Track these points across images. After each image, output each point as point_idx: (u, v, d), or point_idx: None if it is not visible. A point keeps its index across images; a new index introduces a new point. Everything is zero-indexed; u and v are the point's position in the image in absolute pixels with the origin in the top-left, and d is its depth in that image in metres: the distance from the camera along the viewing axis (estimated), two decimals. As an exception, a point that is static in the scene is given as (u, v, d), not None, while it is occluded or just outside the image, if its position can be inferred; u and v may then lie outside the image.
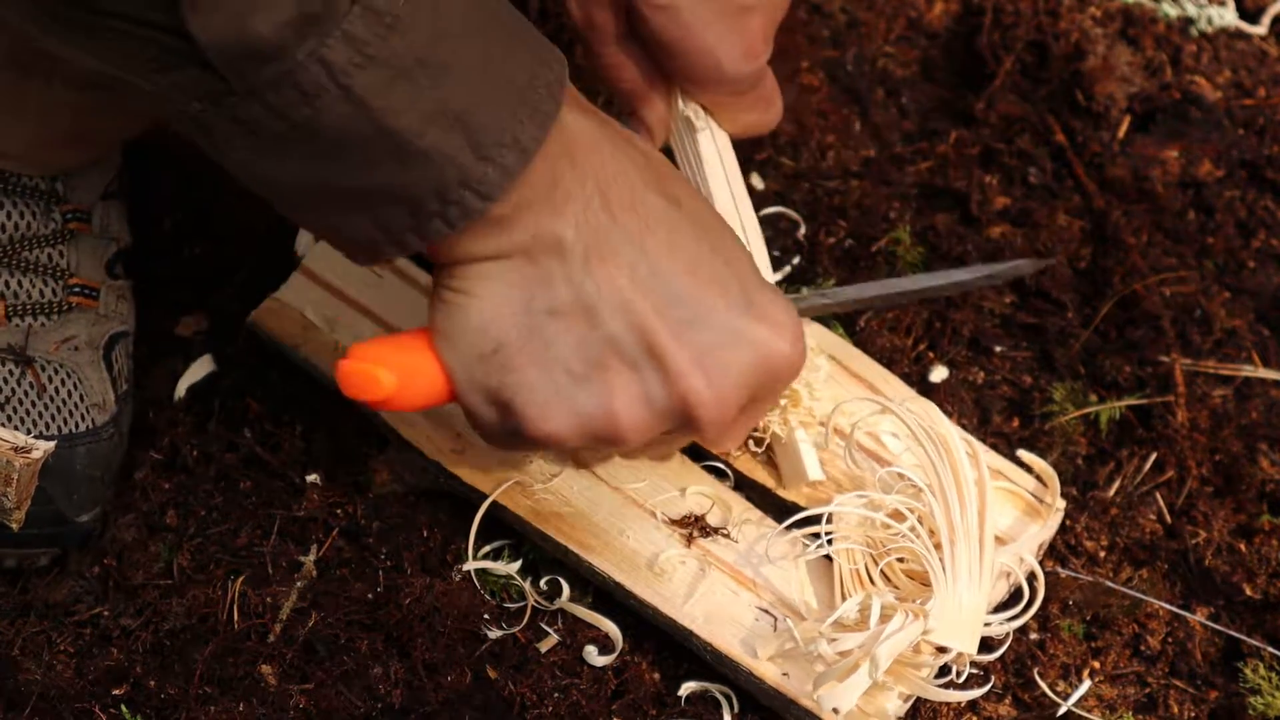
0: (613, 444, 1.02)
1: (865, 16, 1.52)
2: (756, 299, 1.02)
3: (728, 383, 1.01)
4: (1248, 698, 1.14)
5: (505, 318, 0.98)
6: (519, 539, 1.18)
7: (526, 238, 0.96)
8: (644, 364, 0.99)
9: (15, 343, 1.17)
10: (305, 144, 0.88)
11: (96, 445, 1.17)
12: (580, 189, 0.96)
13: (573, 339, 0.98)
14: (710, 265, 1.01)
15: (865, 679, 1.04)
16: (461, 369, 1.00)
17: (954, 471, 1.09)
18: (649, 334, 0.98)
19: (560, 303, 0.97)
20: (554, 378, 0.99)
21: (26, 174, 1.19)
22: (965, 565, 1.07)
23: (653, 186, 1.00)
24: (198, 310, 1.31)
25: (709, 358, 1.00)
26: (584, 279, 0.97)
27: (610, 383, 0.99)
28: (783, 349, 1.02)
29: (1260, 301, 1.35)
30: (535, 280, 0.97)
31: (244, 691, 1.11)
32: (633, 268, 0.98)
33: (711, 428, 1.02)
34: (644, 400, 1.00)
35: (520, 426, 1.00)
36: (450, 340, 0.99)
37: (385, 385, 1.01)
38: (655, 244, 0.99)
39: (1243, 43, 1.50)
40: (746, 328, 1.01)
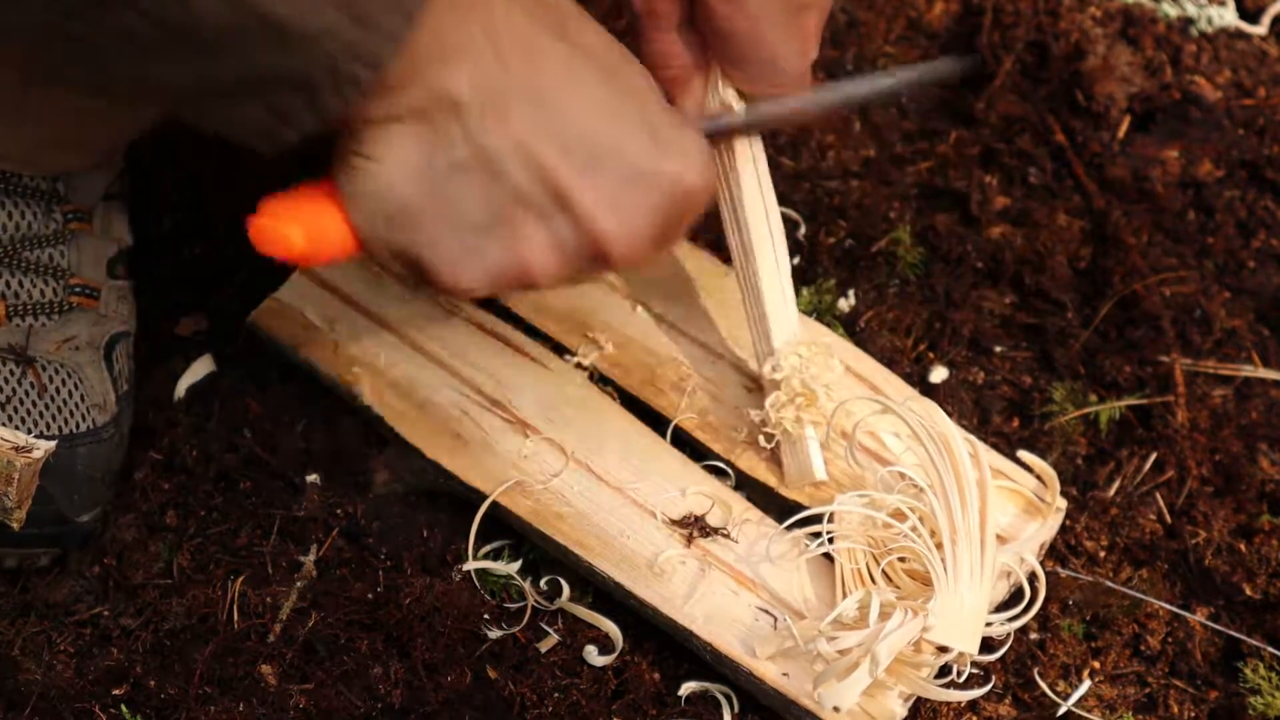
0: (524, 287, 1.02)
1: (865, 16, 1.52)
2: (661, 132, 1.01)
3: (638, 218, 1.00)
4: (1248, 698, 1.14)
5: (408, 179, 0.97)
6: (519, 539, 1.18)
7: (421, 98, 0.94)
8: (551, 210, 0.99)
9: (16, 343, 1.17)
10: (183, 44, 0.87)
11: (97, 445, 1.17)
12: (470, 42, 0.95)
13: (477, 194, 0.98)
14: (611, 103, 1.00)
15: (865, 677, 1.04)
16: (369, 229, 0.99)
17: (955, 471, 1.09)
18: (554, 180, 0.98)
19: (461, 159, 0.97)
20: (460, 234, 0.98)
21: (27, 174, 1.19)
22: (966, 565, 1.07)
23: (546, 29, 0.98)
24: (198, 310, 1.31)
25: (617, 197, 0.99)
26: (482, 133, 0.96)
27: (518, 232, 0.99)
28: (690, 180, 1.02)
29: (1260, 301, 1.35)
30: (434, 140, 0.96)
31: (244, 691, 1.11)
32: (531, 116, 0.97)
33: (622, 261, 1.02)
34: (554, 245, 1.00)
35: (431, 280, 1.00)
36: (355, 201, 0.99)
37: (296, 242, 1.00)
38: (552, 88, 0.97)
39: (1243, 43, 1.50)
40: (652, 163, 1.00)
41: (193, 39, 0.87)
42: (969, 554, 1.07)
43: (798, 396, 1.15)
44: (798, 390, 1.15)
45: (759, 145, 1.17)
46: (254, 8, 0.86)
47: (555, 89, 0.98)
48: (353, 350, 1.23)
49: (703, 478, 1.18)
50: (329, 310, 1.25)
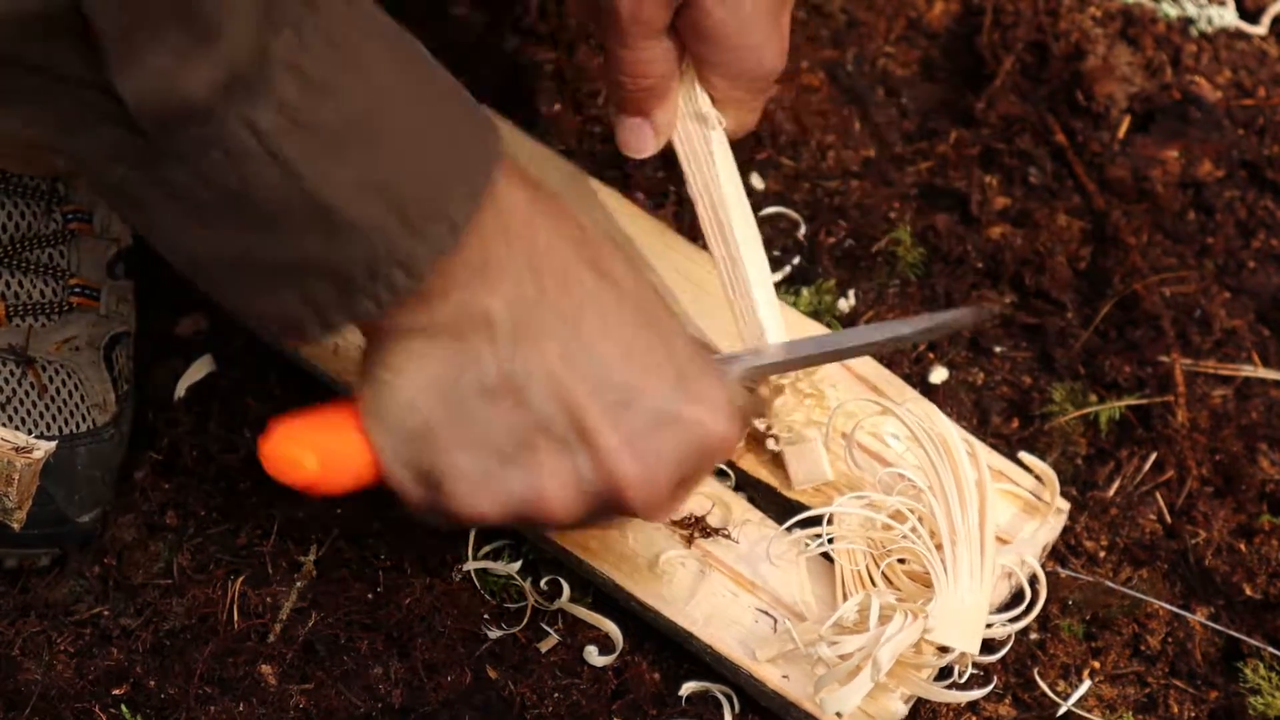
0: (541, 522, 1.01)
1: (865, 16, 1.52)
2: (690, 379, 1.00)
3: (659, 464, 0.99)
4: (1248, 698, 1.14)
5: (434, 396, 0.96)
6: (519, 539, 1.18)
7: (455, 314, 0.94)
8: (574, 444, 0.98)
9: (16, 343, 1.17)
10: (231, 213, 0.86)
11: (97, 445, 1.17)
12: (511, 265, 0.94)
13: (502, 419, 0.96)
14: (643, 345, 0.99)
15: (867, 682, 1.04)
16: (389, 448, 0.98)
17: (954, 472, 1.09)
18: (579, 415, 0.97)
19: (489, 382, 0.96)
20: (482, 459, 0.97)
21: (27, 174, 1.19)
22: (966, 565, 1.07)
23: (587, 263, 0.98)
24: (197, 310, 1.31)
25: (640, 439, 0.98)
26: (513, 358, 0.95)
27: (539, 463, 0.98)
28: (716, 429, 1.01)
29: (1260, 301, 1.35)
30: (464, 358, 0.95)
31: (244, 691, 1.11)
32: (564, 347, 0.96)
33: (642, 508, 1.01)
34: (573, 481, 0.98)
35: (449, 506, 0.99)
36: (378, 419, 0.98)
37: (309, 468, 0.99)
38: (587, 323, 0.97)
39: (1243, 43, 1.50)
40: (679, 409, 0.99)
41: (242, 211, 0.86)
42: (969, 555, 1.07)
43: (806, 398, 1.15)
44: (807, 391, 1.15)
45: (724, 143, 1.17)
46: (308, 190, 0.85)
47: (589, 322, 0.97)
48: (353, 350, 1.23)
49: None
50: (329, 310, 1.25)
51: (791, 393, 1.15)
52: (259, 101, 0.82)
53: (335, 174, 0.85)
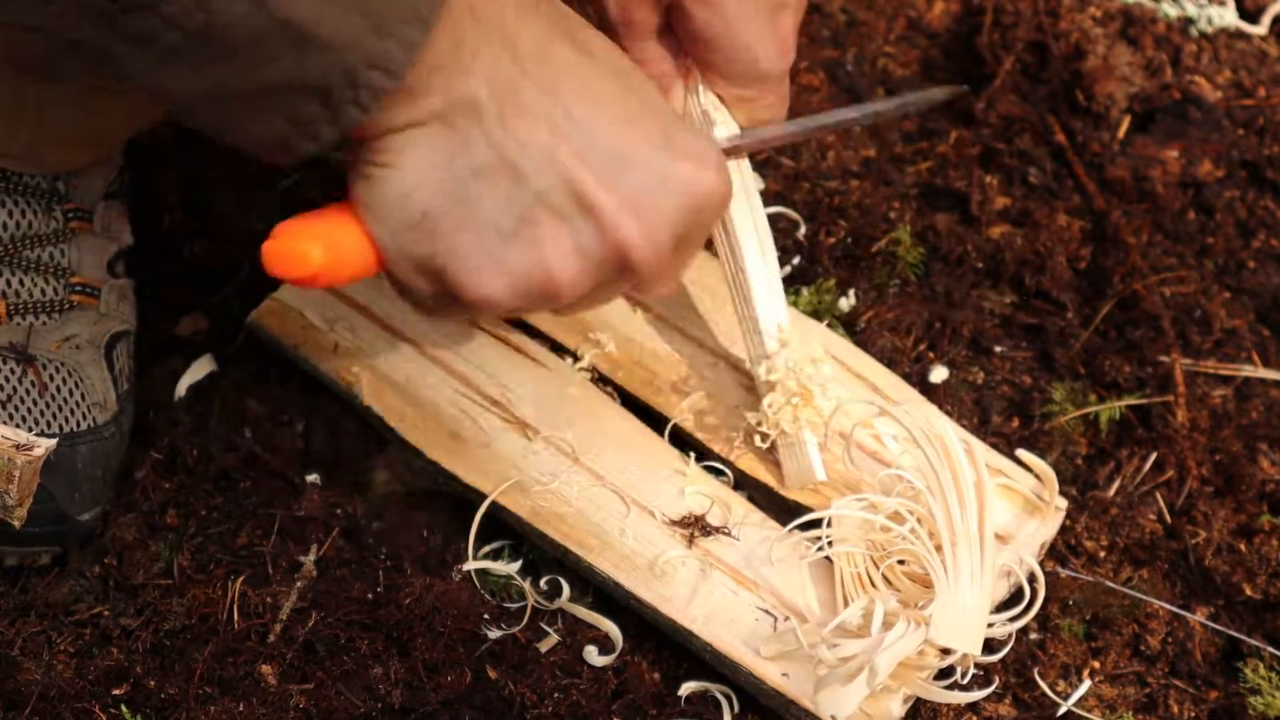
0: (550, 299, 1.00)
1: (865, 16, 1.52)
2: (676, 137, 1.01)
3: (660, 223, 0.99)
4: (1248, 698, 1.15)
5: (429, 185, 0.96)
6: (519, 539, 1.18)
7: (440, 103, 0.94)
8: (574, 215, 0.98)
9: (17, 341, 1.17)
10: (204, 50, 0.86)
11: (98, 444, 1.17)
12: (487, 46, 0.94)
13: (499, 198, 0.96)
14: (628, 109, 0.99)
15: (864, 687, 1.04)
16: (390, 240, 0.98)
17: (953, 472, 1.09)
18: (576, 184, 0.97)
19: (483, 163, 0.96)
20: (484, 240, 0.97)
21: (28, 173, 1.19)
22: (966, 566, 1.07)
23: (560, 35, 0.98)
24: (198, 310, 1.31)
25: (638, 201, 0.98)
26: (503, 136, 0.95)
27: (541, 238, 0.97)
28: (709, 182, 1.01)
29: (1260, 301, 1.35)
30: (455, 144, 0.95)
31: (244, 691, 1.11)
32: (551, 119, 0.96)
33: (647, 270, 1.01)
34: (577, 251, 0.98)
35: (455, 292, 0.99)
36: (376, 212, 0.97)
37: (313, 260, 0.98)
38: (570, 92, 0.97)
39: (1243, 43, 1.50)
40: (671, 166, 1.00)
41: (213, 45, 0.86)
42: (969, 555, 1.07)
43: (794, 397, 1.15)
44: (794, 390, 1.15)
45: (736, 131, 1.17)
46: (275, 13, 0.85)
47: (572, 93, 0.97)
48: (353, 350, 1.23)
49: (702, 478, 1.18)
50: (329, 310, 1.25)
51: (780, 392, 1.15)
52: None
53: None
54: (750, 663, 1.10)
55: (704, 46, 1.11)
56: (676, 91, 1.14)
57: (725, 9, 1.08)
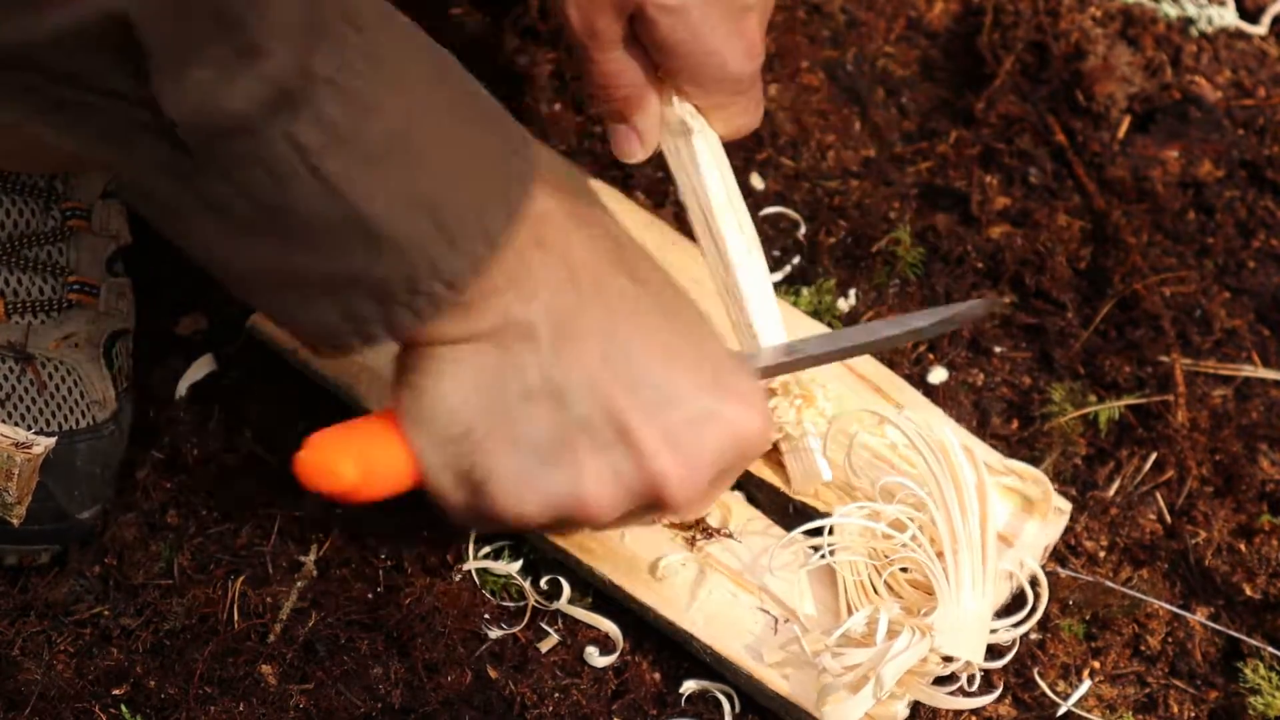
0: (581, 522, 1.01)
1: (865, 16, 1.52)
2: (725, 376, 1.01)
3: (698, 461, 1.00)
4: (1248, 698, 1.14)
5: (476, 401, 0.96)
6: (519, 539, 1.18)
7: (495, 323, 0.95)
8: (614, 445, 0.98)
9: (15, 340, 1.17)
10: (272, 228, 0.87)
11: (97, 442, 1.17)
12: (549, 273, 0.95)
13: (543, 422, 0.97)
14: (678, 344, 1.00)
15: (869, 698, 1.04)
16: (431, 452, 0.98)
17: (954, 479, 1.08)
18: (619, 415, 0.97)
19: (531, 386, 0.96)
20: (524, 460, 0.98)
21: (26, 172, 1.19)
22: (969, 573, 1.07)
23: (620, 268, 0.99)
24: (197, 310, 1.31)
25: (679, 437, 0.99)
26: (554, 363, 0.96)
27: (580, 464, 0.98)
28: (752, 425, 1.02)
29: (1260, 301, 1.35)
30: (505, 364, 0.96)
31: (244, 691, 1.11)
32: (602, 350, 0.97)
33: (682, 504, 1.01)
34: (613, 481, 0.99)
35: (490, 508, 0.99)
36: (419, 424, 0.98)
37: (347, 476, 0.98)
38: (624, 326, 0.98)
39: (1243, 43, 1.50)
40: (715, 406, 1.00)
41: (280, 223, 0.86)
42: (971, 562, 1.07)
43: (796, 399, 1.15)
44: (796, 393, 1.15)
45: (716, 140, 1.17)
46: (350, 204, 0.86)
47: (625, 325, 0.98)
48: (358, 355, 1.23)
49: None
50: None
51: (783, 394, 1.15)
52: (301, 117, 0.83)
53: (376, 189, 0.86)
54: (750, 666, 1.10)
55: (670, 53, 1.11)
56: (651, 102, 1.14)
57: (689, 15, 1.08)
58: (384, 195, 0.87)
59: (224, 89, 0.81)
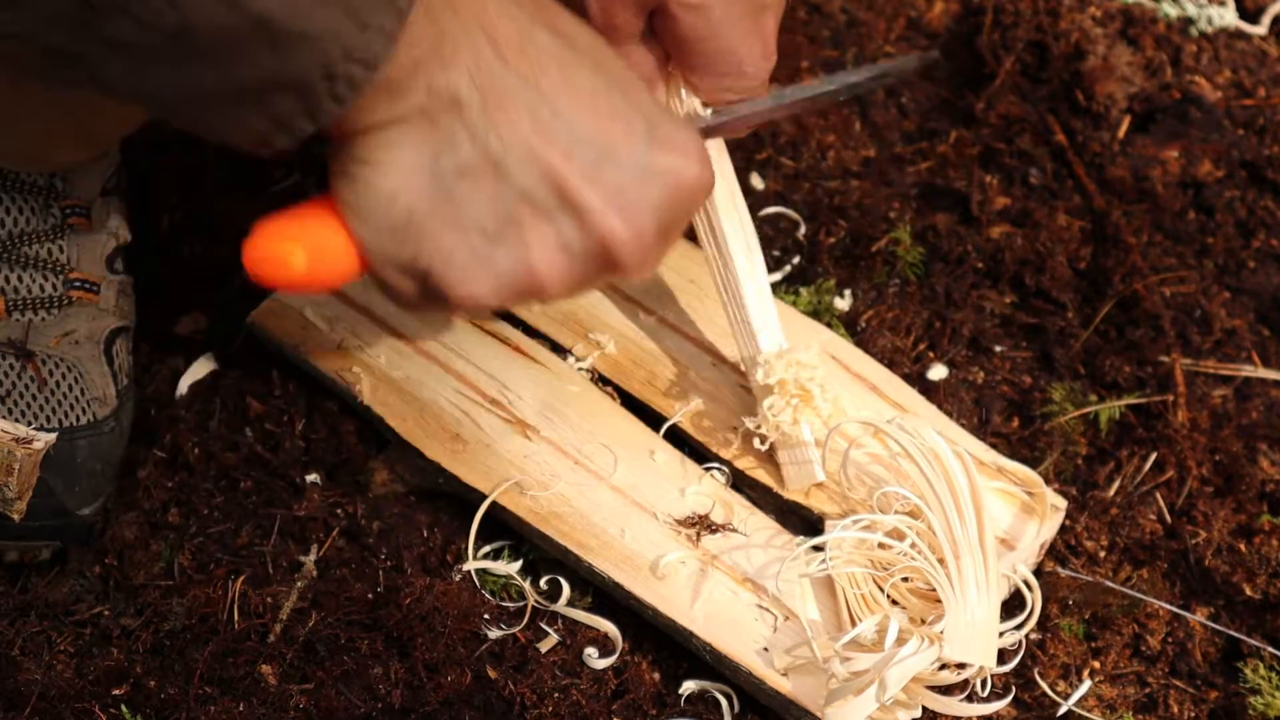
0: (535, 296, 1.00)
1: (865, 16, 1.52)
2: (659, 127, 1.00)
3: (644, 217, 0.99)
4: (1248, 698, 1.15)
5: (414, 184, 0.95)
6: (519, 539, 1.18)
7: (421, 98, 0.93)
8: (557, 211, 0.97)
9: (16, 337, 1.17)
10: (179, 50, 0.86)
11: (98, 438, 1.17)
12: (467, 38, 0.93)
13: (484, 196, 0.96)
14: (609, 99, 0.98)
15: (871, 702, 1.04)
16: (375, 242, 0.97)
17: (950, 485, 1.08)
18: (559, 180, 0.96)
19: (466, 160, 0.95)
20: (469, 240, 0.96)
21: (25, 170, 1.19)
22: (972, 578, 1.07)
23: (541, 23, 0.97)
24: (198, 309, 1.31)
25: (622, 195, 0.98)
26: (486, 132, 0.94)
27: (526, 236, 0.97)
28: (692, 172, 1.01)
29: (1260, 301, 1.35)
30: (438, 140, 0.94)
31: (244, 691, 1.11)
32: (533, 112, 0.95)
33: (633, 263, 1.00)
34: (562, 248, 0.98)
35: (440, 292, 0.98)
36: (359, 214, 0.96)
37: (297, 265, 0.96)
38: (551, 84, 0.96)
39: (1243, 43, 1.50)
40: (654, 158, 0.99)
41: (187, 44, 0.85)
42: (974, 567, 1.07)
43: (793, 398, 1.15)
44: (793, 392, 1.15)
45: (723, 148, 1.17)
46: (248, 9, 0.84)
47: (554, 86, 0.96)
48: (353, 350, 1.23)
49: (702, 478, 1.18)
50: (329, 310, 1.25)
51: (780, 393, 1.15)
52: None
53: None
54: (750, 663, 1.10)
55: (689, 50, 1.10)
56: (659, 96, 1.14)
57: (711, 12, 1.08)
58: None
59: None
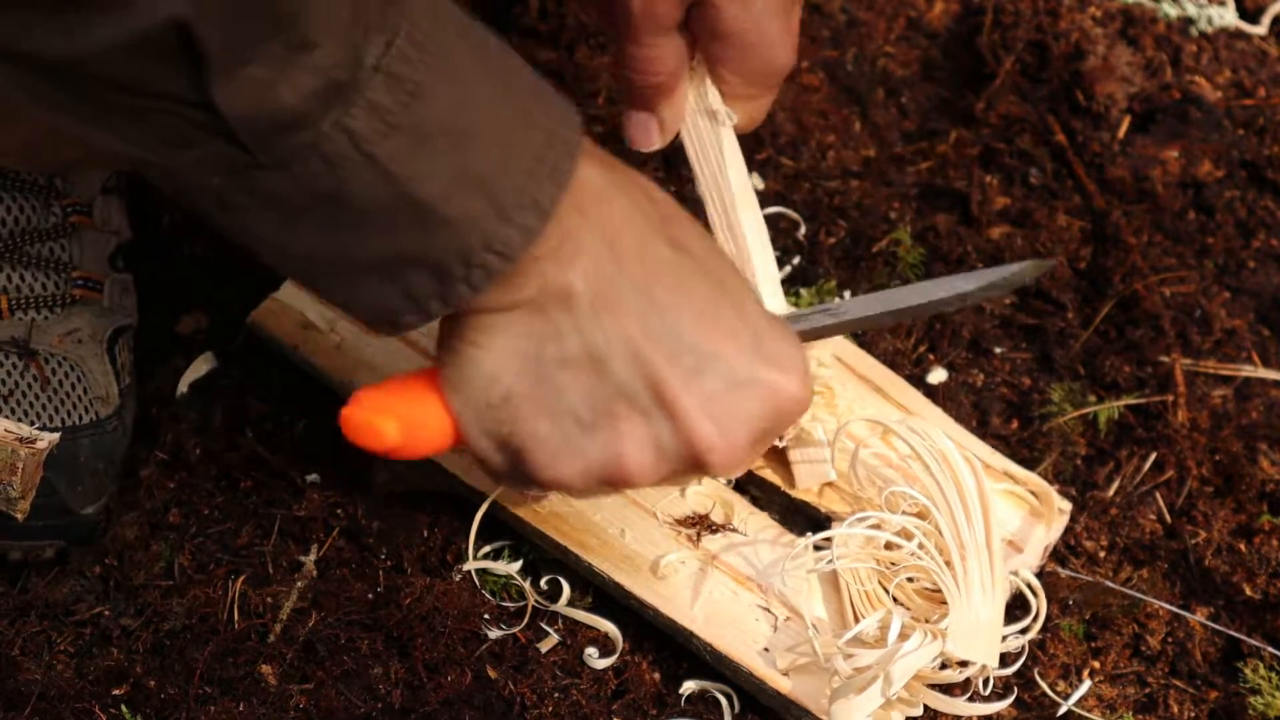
0: (621, 487, 1.02)
1: (865, 16, 1.52)
2: (765, 342, 1.02)
3: (737, 427, 1.00)
4: (1248, 698, 1.15)
5: (515, 368, 0.97)
6: (519, 539, 1.18)
7: (535, 290, 0.95)
8: (653, 412, 0.99)
9: (19, 336, 1.17)
10: (328, 215, 0.88)
11: (100, 437, 1.17)
12: (589, 241, 0.96)
13: (582, 388, 0.98)
14: (718, 311, 1.00)
15: (878, 696, 1.04)
16: (471, 417, 1.00)
17: (957, 485, 1.09)
18: (658, 383, 0.98)
19: (569, 353, 0.97)
20: (563, 426, 0.99)
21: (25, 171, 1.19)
22: (978, 579, 1.07)
23: (660, 234, 1.00)
24: (198, 309, 1.31)
25: (718, 404, 1.00)
26: (593, 329, 0.97)
27: (619, 430, 0.99)
28: (791, 390, 1.02)
29: (1260, 301, 1.35)
30: (544, 331, 0.97)
31: (244, 691, 1.11)
32: (641, 317, 0.98)
33: (720, 469, 1.02)
34: (653, 447, 1.00)
35: (529, 472, 1.00)
36: (460, 390, 0.99)
37: (390, 436, 1.00)
38: (663, 292, 0.98)
39: (1243, 43, 1.50)
40: (755, 372, 1.00)
41: (337, 211, 0.88)
42: (979, 568, 1.07)
43: (815, 395, 1.15)
44: (815, 389, 1.15)
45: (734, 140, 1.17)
46: (404, 186, 0.87)
47: (664, 292, 0.98)
48: (353, 350, 1.23)
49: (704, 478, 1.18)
50: (329, 310, 1.25)
51: None
52: (354, 106, 0.84)
53: (429, 172, 0.88)
54: (750, 663, 1.10)
55: (726, 42, 1.11)
56: (680, 92, 1.14)
57: (753, 5, 1.09)
58: (436, 176, 0.88)
59: (278, 85, 0.82)
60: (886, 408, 1.21)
